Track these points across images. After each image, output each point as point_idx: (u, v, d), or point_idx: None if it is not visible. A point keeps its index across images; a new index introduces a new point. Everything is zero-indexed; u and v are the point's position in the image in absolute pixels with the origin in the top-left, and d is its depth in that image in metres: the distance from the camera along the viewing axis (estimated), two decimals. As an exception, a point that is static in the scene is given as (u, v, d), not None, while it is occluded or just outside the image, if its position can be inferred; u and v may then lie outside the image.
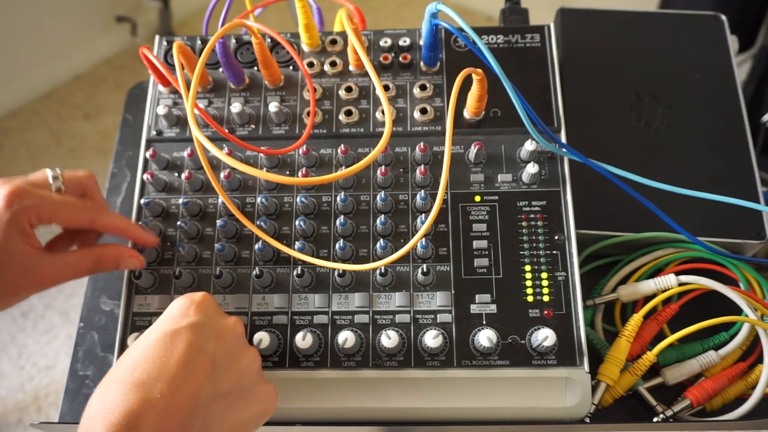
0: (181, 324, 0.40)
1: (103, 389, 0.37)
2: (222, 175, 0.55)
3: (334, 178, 0.48)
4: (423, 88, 0.58)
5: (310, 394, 0.50)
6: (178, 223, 0.54)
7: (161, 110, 0.58)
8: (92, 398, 0.37)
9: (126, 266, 0.52)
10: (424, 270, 0.51)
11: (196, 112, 0.54)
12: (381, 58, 0.59)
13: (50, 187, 0.49)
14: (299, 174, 0.55)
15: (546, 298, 0.51)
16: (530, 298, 0.51)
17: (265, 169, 0.57)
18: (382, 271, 0.51)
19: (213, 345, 0.40)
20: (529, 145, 0.54)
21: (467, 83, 0.53)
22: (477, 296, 0.51)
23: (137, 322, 0.53)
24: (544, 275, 0.52)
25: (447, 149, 0.48)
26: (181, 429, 0.36)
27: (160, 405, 0.35)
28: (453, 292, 0.52)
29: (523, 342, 0.50)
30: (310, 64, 0.60)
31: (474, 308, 0.51)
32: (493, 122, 0.57)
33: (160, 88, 0.61)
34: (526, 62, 0.59)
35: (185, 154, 0.57)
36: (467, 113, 0.57)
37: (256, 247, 0.52)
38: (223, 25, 0.60)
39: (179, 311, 0.42)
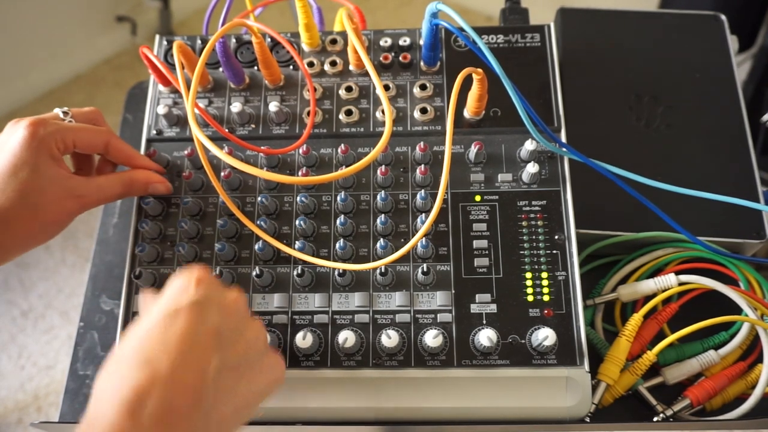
0: (182, 302, 0.40)
1: (109, 369, 0.37)
2: (222, 174, 0.56)
3: (334, 178, 0.48)
4: (423, 87, 0.58)
5: (310, 394, 0.50)
6: (178, 223, 0.54)
7: (161, 110, 0.58)
8: (100, 378, 0.37)
9: (155, 191, 0.55)
10: (424, 270, 0.51)
11: (197, 111, 0.54)
12: (381, 58, 0.59)
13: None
14: (299, 174, 0.55)
15: (546, 298, 0.51)
16: (530, 298, 0.51)
17: (265, 168, 0.57)
18: (382, 270, 0.51)
19: (217, 319, 0.40)
20: (529, 145, 0.54)
21: (467, 83, 0.53)
22: (477, 296, 0.51)
23: (137, 322, 0.53)
24: (544, 275, 0.52)
25: (447, 149, 0.48)
26: (190, 403, 0.36)
27: (168, 381, 0.35)
28: (453, 291, 0.52)
29: (523, 341, 0.50)
30: (311, 64, 0.60)
31: (474, 308, 0.51)
32: (493, 122, 0.57)
33: (160, 87, 0.61)
34: (526, 62, 0.59)
35: (185, 153, 0.57)
36: (467, 113, 0.57)
37: (256, 246, 0.52)
38: (223, 24, 0.60)
39: (179, 289, 0.41)
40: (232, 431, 0.40)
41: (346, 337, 0.49)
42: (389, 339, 0.49)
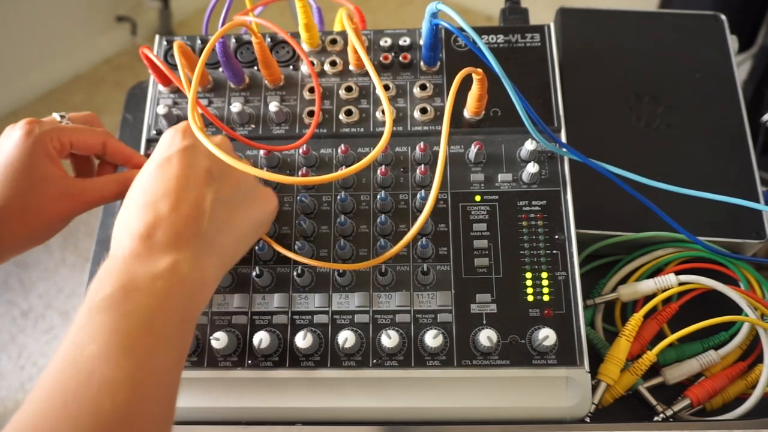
0: (172, 149, 0.44)
1: (122, 216, 0.43)
2: (222, 174, 0.55)
3: (334, 178, 0.48)
4: (423, 87, 0.58)
5: (310, 394, 0.50)
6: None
7: (161, 110, 0.58)
8: (116, 224, 0.43)
9: None
10: (424, 270, 0.51)
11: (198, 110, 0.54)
12: (381, 58, 0.59)
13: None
14: (299, 174, 0.55)
15: (546, 298, 0.51)
16: (530, 298, 0.51)
17: (265, 168, 0.57)
18: (382, 270, 0.51)
19: (206, 161, 0.44)
20: (529, 145, 0.54)
21: (467, 83, 0.53)
22: (477, 296, 0.51)
23: (137, 322, 0.53)
24: (544, 275, 0.52)
25: (443, 146, 0.48)
26: (192, 232, 0.41)
27: (171, 216, 0.41)
28: (453, 291, 0.52)
29: (523, 341, 0.50)
30: (311, 64, 0.60)
31: (474, 308, 0.51)
32: (493, 122, 0.57)
33: (160, 87, 0.61)
34: (526, 62, 0.59)
35: (185, 153, 0.57)
36: (467, 113, 0.57)
37: (256, 246, 0.52)
38: (223, 24, 0.60)
39: (168, 140, 0.46)
40: (236, 257, 0.47)
41: (346, 337, 0.49)
42: (389, 339, 0.49)
